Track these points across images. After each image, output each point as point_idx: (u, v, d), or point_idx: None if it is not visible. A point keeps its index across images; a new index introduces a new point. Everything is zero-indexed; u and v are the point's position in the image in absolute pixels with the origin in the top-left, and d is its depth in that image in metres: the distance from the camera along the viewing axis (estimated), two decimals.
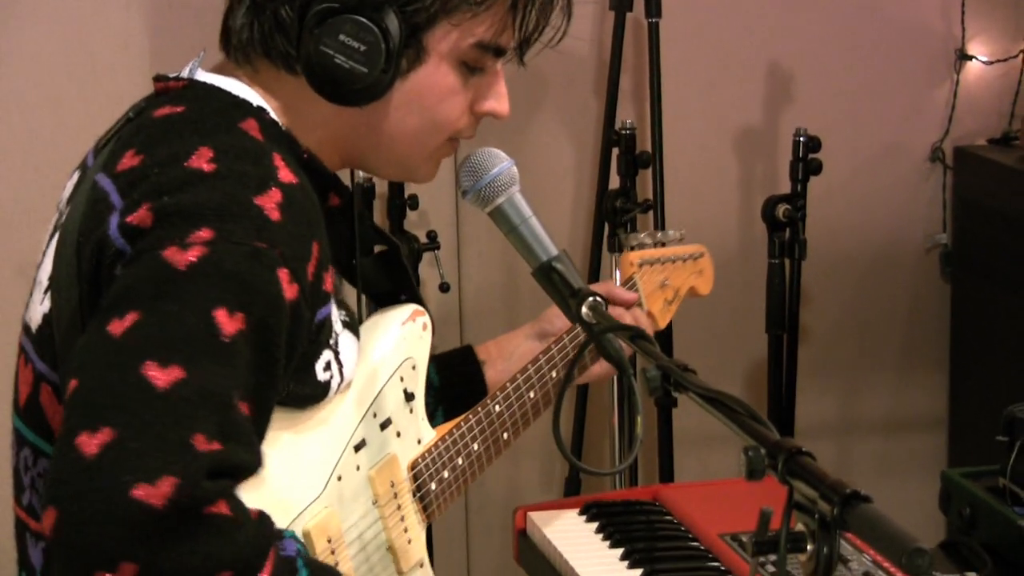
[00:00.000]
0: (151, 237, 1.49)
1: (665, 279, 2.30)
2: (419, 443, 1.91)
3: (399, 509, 1.86)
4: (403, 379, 1.88)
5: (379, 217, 3.39)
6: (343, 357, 1.71)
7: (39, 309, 1.66)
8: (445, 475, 1.93)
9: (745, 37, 3.72)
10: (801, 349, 3.45)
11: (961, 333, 3.92)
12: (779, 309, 3.36)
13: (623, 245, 2.30)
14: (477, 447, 1.99)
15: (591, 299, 1.66)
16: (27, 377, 1.68)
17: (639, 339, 1.61)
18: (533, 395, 2.07)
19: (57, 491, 1.36)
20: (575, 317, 1.67)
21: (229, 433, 1.41)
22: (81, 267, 1.57)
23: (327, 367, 1.67)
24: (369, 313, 1.92)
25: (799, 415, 3.49)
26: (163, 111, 1.64)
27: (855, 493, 1.25)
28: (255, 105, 1.66)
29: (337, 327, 1.70)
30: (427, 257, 3.38)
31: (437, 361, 2.12)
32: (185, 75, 1.70)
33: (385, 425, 1.84)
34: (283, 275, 1.51)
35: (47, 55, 3.30)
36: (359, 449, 1.79)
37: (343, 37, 1.60)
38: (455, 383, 2.11)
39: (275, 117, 1.67)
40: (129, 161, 1.58)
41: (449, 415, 2.05)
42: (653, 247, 2.31)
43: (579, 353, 1.72)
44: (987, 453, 2.56)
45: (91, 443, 1.36)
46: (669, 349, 3.38)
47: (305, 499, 1.68)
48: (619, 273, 3.42)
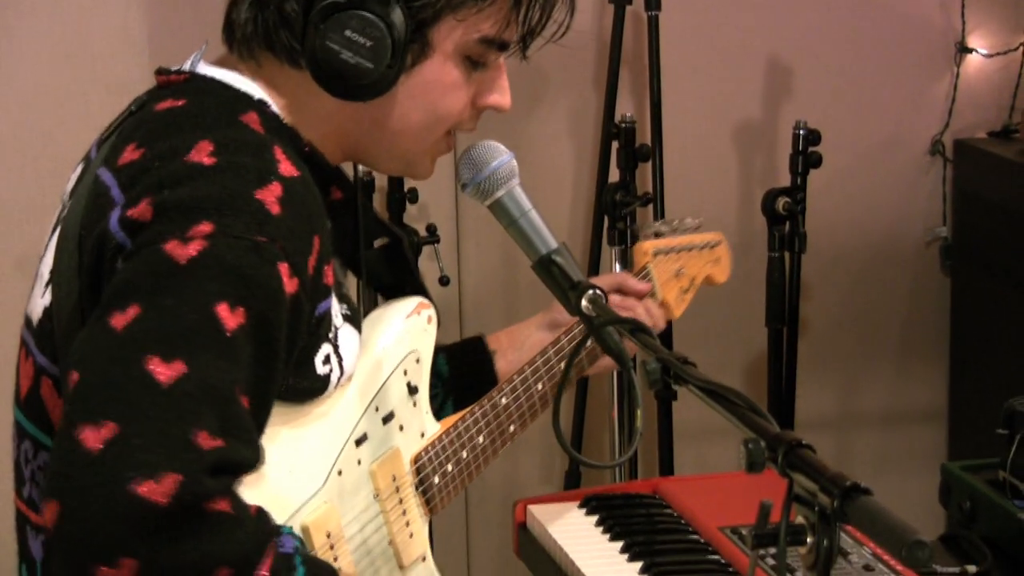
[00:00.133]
0: (151, 231, 1.49)
1: (680, 268, 2.29)
2: (422, 436, 1.91)
3: (401, 503, 1.86)
4: (406, 372, 1.88)
5: (379, 210, 3.38)
6: (343, 351, 1.70)
7: (40, 302, 1.66)
8: (449, 468, 1.93)
9: (745, 30, 3.71)
10: (801, 342, 3.45)
11: (961, 326, 3.91)
12: (779, 302, 3.35)
13: (637, 234, 2.28)
14: (483, 440, 1.99)
15: (591, 292, 1.66)
16: (28, 370, 1.68)
17: (638, 332, 1.61)
18: (541, 387, 2.06)
19: (59, 484, 1.36)
20: (575, 310, 1.67)
21: (231, 429, 1.41)
22: (82, 261, 1.57)
23: (326, 360, 1.67)
24: (375, 306, 1.92)
25: (799, 408, 3.49)
26: (164, 105, 1.64)
27: (855, 486, 1.25)
28: (256, 98, 1.66)
29: (337, 320, 1.70)
30: (427, 250, 3.38)
31: (447, 351, 2.12)
32: (187, 68, 1.70)
33: (388, 419, 1.84)
34: (283, 269, 1.50)
35: (46, 47, 3.30)
36: (360, 443, 1.78)
37: (349, 32, 1.59)
38: (465, 373, 2.11)
39: (277, 111, 1.67)
40: (130, 155, 1.58)
41: (459, 406, 2.04)
42: (669, 235, 2.30)
43: (578, 347, 1.71)
44: (987, 446, 2.56)
45: (94, 437, 1.35)
46: (669, 342, 3.38)
47: (304, 494, 1.68)
48: (617, 265, 3.41)
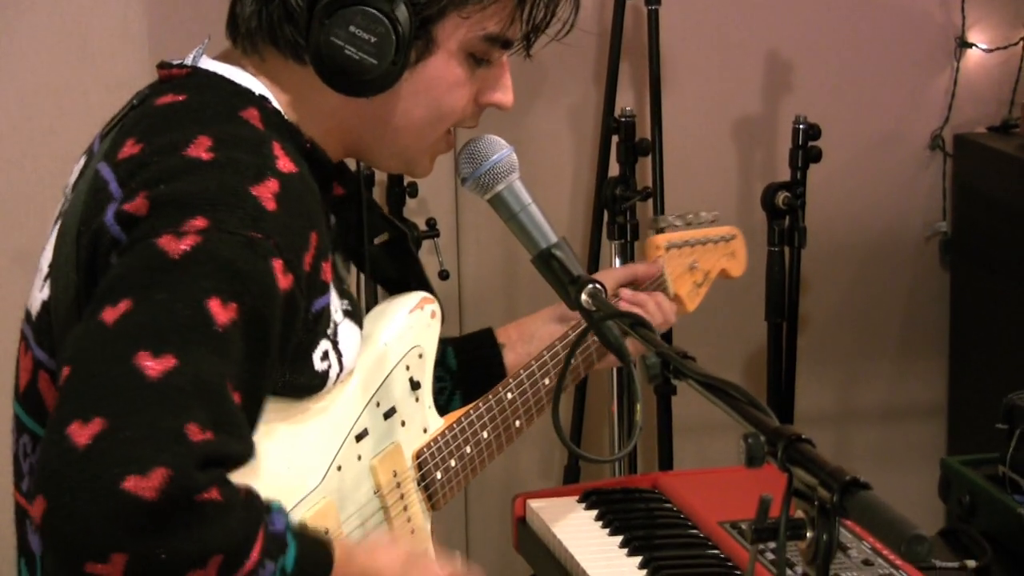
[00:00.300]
0: (146, 225, 1.48)
1: (694, 261, 2.28)
2: (425, 432, 1.91)
3: (402, 499, 1.85)
4: (409, 367, 1.87)
5: (378, 205, 3.39)
6: (342, 347, 1.70)
7: (38, 296, 1.66)
8: (452, 464, 1.93)
9: (745, 25, 3.71)
10: (800, 337, 3.45)
11: (961, 321, 3.91)
12: (778, 297, 3.35)
13: (651, 227, 2.28)
14: (487, 435, 1.98)
15: (590, 286, 1.65)
16: (27, 364, 1.68)
17: (638, 327, 1.60)
18: (548, 382, 2.06)
19: (47, 481, 1.35)
20: (574, 304, 1.67)
21: (221, 423, 1.40)
22: (79, 255, 1.56)
23: (325, 356, 1.67)
24: (377, 301, 1.91)
25: (798, 403, 3.49)
26: (165, 99, 1.64)
27: (855, 480, 1.25)
28: (257, 94, 1.66)
29: (337, 316, 1.69)
30: (426, 245, 3.38)
31: (455, 345, 2.12)
32: (189, 63, 1.70)
33: (389, 414, 1.84)
34: (277, 265, 1.50)
35: (46, 42, 3.30)
36: (361, 439, 1.78)
37: (353, 28, 1.59)
38: (473, 366, 2.11)
39: (278, 106, 1.67)
40: (129, 149, 1.58)
41: (467, 399, 2.04)
42: (683, 229, 2.29)
43: (578, 341, 1.71)
44: (986, 441, 2.56)
45: (82, 433, 1.34)
46: (668, 337, 3.37)
47: (302, 490, 1.68)
48: (617, 259, 3.40)
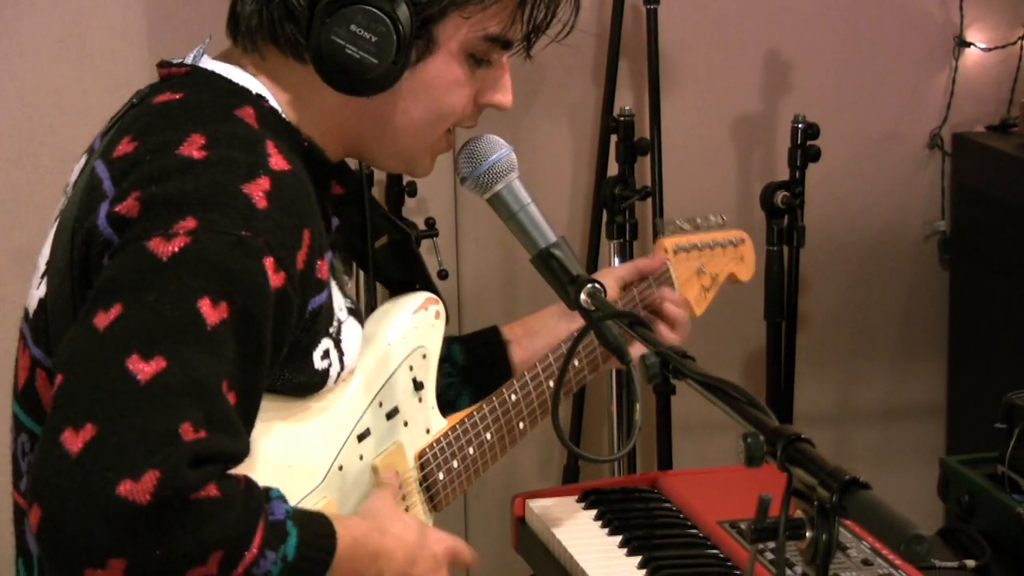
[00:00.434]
0: (137, 227, 1.48)
1: (701, 265, 2.28)
2: (428, 432, 1.91)
3: (403, 499, 1.85)
4: (412, 368, 1.87)
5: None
6: (344, 345, 1.70)
7: (35, 295, 1.66)
8: (454, 465, 1.93)
9: (743, 23, 3.71)
10: (799, 336, 3.45)
11: (960, 320, 3.91)
12: (777, 296, 3.35)
13: (659, 230, 2.27)
14: (490, 436, 1.98)
15: (590, 286, 1.65)
16: (25, 362, 1.68)
17: (637, 326, 1.60)
18: (552, 383, 2.05)
19: (41, 489, 1.35)
20: (573, 304, 1.67)
21: (215, 421, 1.40)
22: (73, 254, 1.57)
23: (325, 355, 1.67)
24: (379, 301, 1.91)
25: (797, 403, 3.49)
26: (162, 97, 1.64)
27: (854, 480, 1.25)
28: (254, 93, 1.66)
29: (341, 315, 1.69)
30: (425, 244, 3.38)
31: (461, 342, 2.12)
32: (189, 61, 1.70)
33: (392, 414, 1.83)
34: (268, 264, 1.50)
35: (45, 42, 3.29)
36: (362, 438, 1.78)
37: (354, 27, 1.59)
38: (480, 363, 2.10)
39: (276, 105, 1.67)
40: (124, 147, 1.58)
41: (476, 395, 2.04)
42: (691, 232, 2.29)
43: (577, 340, 1.71)
44: (986, 440, 2.56)
45: (75, 440, 1.35)
46: None
47: (303, 489, 1.68)
48: (616, 259, 3.39)
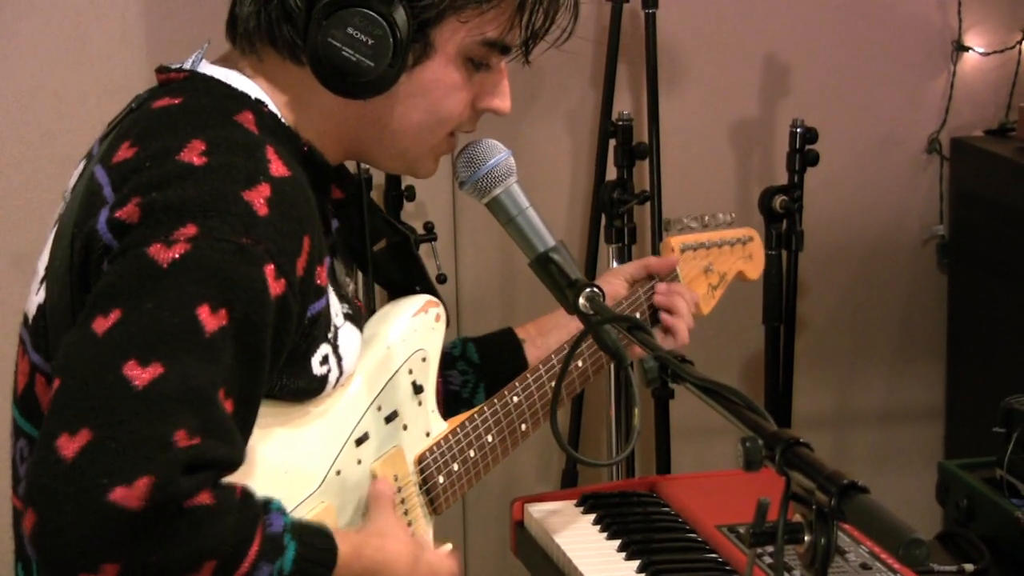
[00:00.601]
0: (137, 233, 1.48)
1: (709, 264, 2.27)
2: (427, 436, 1.91)
3: (403, 503, 1.85)
4: (412, 371, 1.87)
5: None
6: (343, 351, 1.70)
7: (35, 300, 1.66)
8: (455, 468, 1.93)
9: (742, 28, 3.71)
10: (798, 340, 3.45)
11: (958, 324, 3.91)
12: (776, 300, 3.35)
13: (666, 229, 2.27)
14: (491, 439, 1.98)
15: (588, 290, 1.65)
16: (24, 367, 1.68)
17: (636, 330, 1.60)
18: (554, 385, 2.04)
19: (36, 494, 1.36)
20: (572, 308, 1.67)
21: (210, 429, 1.40)
22: (73, 259, 1.56)
23: (324, 361, 1.67)
24: (381, 304, 1.91)
25: (796, 406, 3.49)
26: (161, 102, 1.64)
27: (853, 484, 1.25)
28: (253, 97, 1.66)
29: (338, 320, 1.69)
30: (424, 248, 3.38)
31: (476, 341, 2.12)
32: (187, 66, 1.70)
33: (391, 418, 1.83)
34: (269, 271, 1.50)
35: (44, 45, 3.29)
36: (361, 443, 1.78)
37: (351, 30, 1.59)
38: (495, 359, 2.10)
39: (275, 109, 1.67)
40: (124, 153, 1.58)
41: (491, 392, 2.04)
42: (698, 231, 2.29)
43: (576, 344, 1.71)
44: (984, 444, 2.56)
45: (70, 446, 1.35)
46: None
47: (300, 493, 1.67)
48: (614, 263, 3.39)
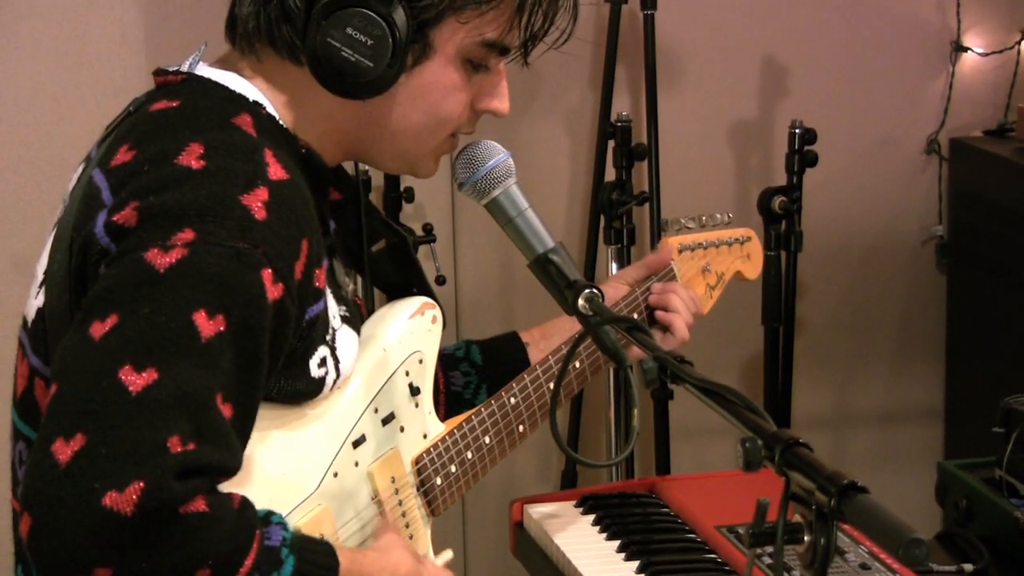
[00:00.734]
0: (135, 237, 1.48)
1: (707, 264, 2.27)
2: (425, 438, 1.91)
3: (400, 505, 1.85)
4: (409, 373, 1.87)
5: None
6: (340, 353, 1.70)
7: (34, 303, 1.66)
8: (452, 469, 1.93)
9: (741, 29, 3.71)
10: (797, 341, 3.45)
11: (957, 325, 3.92)
12: (775, 301, 3.35)
13: (664, 229, 2.27)
14: (489, 440, 1.98)
15: (587, 291, 1.65)
16: (23, 371, 1.68)
17: (635, 331, 1.60)
18: (553, 386, 2.04)
19: (31, 498, 1.36)
20: (571, 309, 1.67)
21: (205, 434, 1.40)
22: (71, 263, 1.56)
23: (322, 363, 1.67)
24: (379, 306, 1.91)
25: (795, 407, 3.49)
26: (159, 106, 1.64)
27: (852, 484, 1.25)
28: (251, 100, 1.66)
29: (335, 323, 1.69)
30: (423, 250, 3.38)
31: (480, 344, 2.12)
32: (185, 69, 1.70)
33: (388, 420, 1.83)
34: (266, 275, 1.50)
35: (44, 49, 3.29)
36: (358, 445, 1.78)
37: (350, 30, 1.59)
38: (498, 361, 2.10)
39: (273, 111, 1.67)
40: (122, 156, 1.58)
41: (493, 393, 2.03)
42: (696, 231, 2.28)
43: (575, 345, 1.71)
44: (983, 444, 2.56)
45: (64, 450, 1.35)
46: None
47: (297, 496, 1.67)
48: (613, 264, 3.39)
